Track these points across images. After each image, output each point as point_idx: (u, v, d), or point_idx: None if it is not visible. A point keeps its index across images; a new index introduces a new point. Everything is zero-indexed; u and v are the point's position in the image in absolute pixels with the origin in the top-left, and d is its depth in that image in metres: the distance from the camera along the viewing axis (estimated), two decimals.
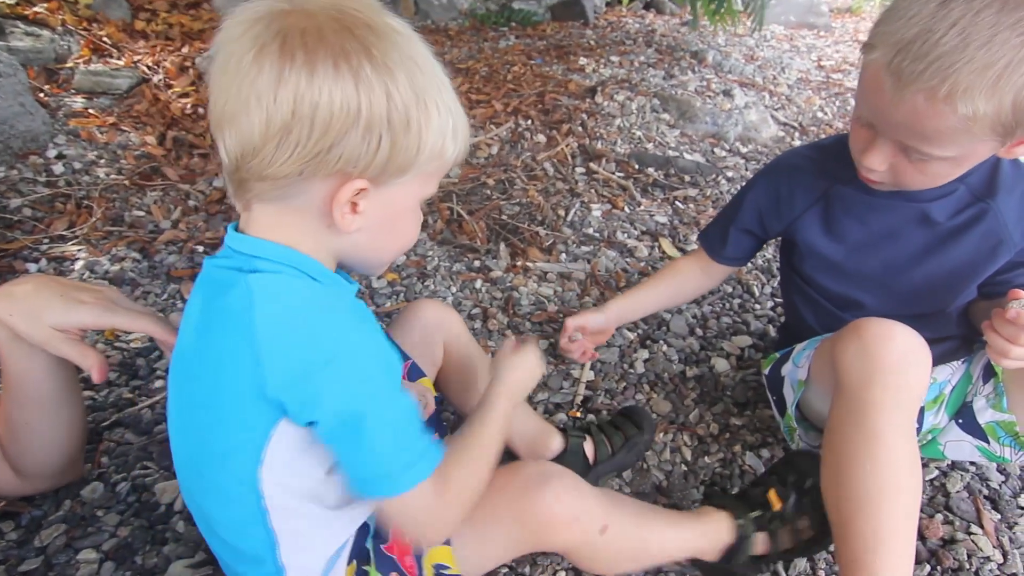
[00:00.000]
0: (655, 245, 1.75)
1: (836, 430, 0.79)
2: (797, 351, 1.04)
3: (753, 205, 1.09)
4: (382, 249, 0.66)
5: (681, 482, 1.07)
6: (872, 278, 1.00)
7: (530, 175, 2.05)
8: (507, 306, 1.48)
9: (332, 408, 0.56)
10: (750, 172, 2.20)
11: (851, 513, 0.74)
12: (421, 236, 1.73)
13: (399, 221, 0.65)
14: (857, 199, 0.97)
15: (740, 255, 1.16)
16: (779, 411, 1.07)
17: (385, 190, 0.60)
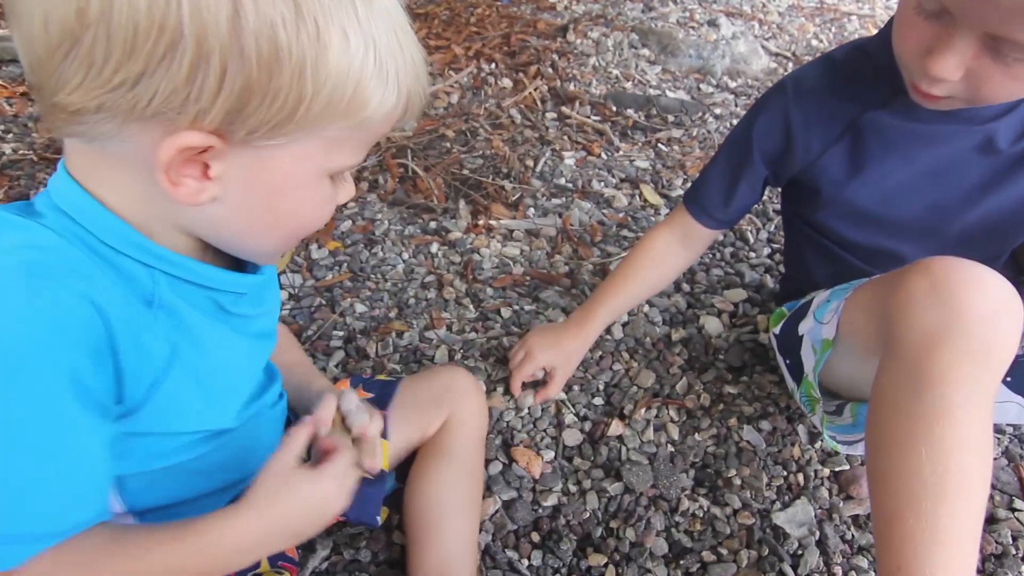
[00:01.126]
0: (635, 193, 1.55)
1: (886, 402, 0.61)
2: (819, 304, 0.84)
3: (759, 146, 0.87)
4: (257, 232, 0.48)
5: (667, 467, 0.90)
6: (914, 225, 0.81)
7: (495, 124, 1.84)
8: (466, 271, 1.29)
9: None
10: (740, 108, 1.98)
11: (900, 508, 0.56)
12: (370, 197, 1.53)
13: (284, 198, 0.46)
14: (897, 128, 0.77)
15: (739, 214, 0.97)
16: (793, 377, 0.89)
17: (255, 153, 0.42)
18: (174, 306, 0.48)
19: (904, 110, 0.75)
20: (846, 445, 0.83)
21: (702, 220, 0.97)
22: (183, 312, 0.48)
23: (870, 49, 0.80)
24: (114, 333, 0.42)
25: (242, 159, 0.42)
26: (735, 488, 0.88)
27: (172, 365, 0.48)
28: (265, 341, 0.63)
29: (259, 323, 0.60)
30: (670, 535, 0.83)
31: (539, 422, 0.96)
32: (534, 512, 0.85)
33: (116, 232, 0.44)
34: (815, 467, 0.91)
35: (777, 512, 0.85)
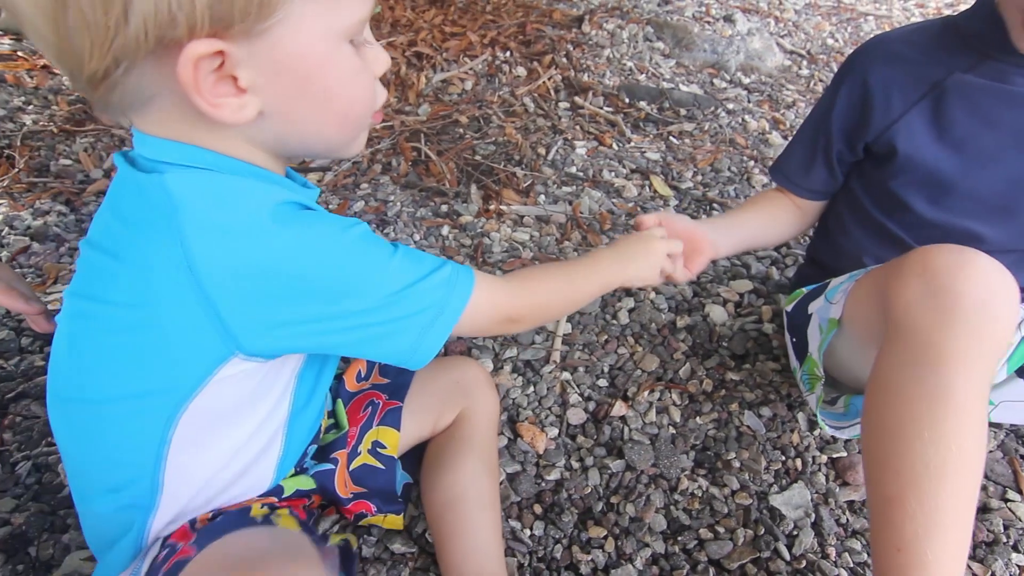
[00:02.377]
0: (646, 184, 1.57)
1: (888, 386, 0.62)
2: (833, 285, 0.85)
3: (840, 114, 0.87)
4: (316, 128, 0.49)
5: (668, 447, 0.92)
6: (990, 200, 0.80)
7: (508, 111, 1.85)
8: (476, 254, 1.31)
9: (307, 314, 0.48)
10: (753, 104, 1.99)
11: (901, 490, 0.58)
12: (383, 179, 1.55)
13: (317, 77, 0.46)
14: (986, 91, 0.76)
15: (828, 186, 0.95)
16: (797, 355, 0.91)
17: (264, 43, 0.43)
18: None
19: (993, 74, 0.75)
20: (836, 429, 0.85)
21: (788, 187, 0.97)
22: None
23: (958, 20, 0.79)
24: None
25: (260, 57, 0.43)
26: (734, 470, 0.90)
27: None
28: None
29: None
30: (669, 512, 0.85)
31: (544, 400, 0.98)
32: (537, 485, 0.87)
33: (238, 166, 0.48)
34: (813, 453, 0.93)
35: (774, 494, 0.87)
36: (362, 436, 0.76)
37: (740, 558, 0.79)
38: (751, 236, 0.98)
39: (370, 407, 0.78)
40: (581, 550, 0.80)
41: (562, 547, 0.80)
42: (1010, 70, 0.75)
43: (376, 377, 0.82)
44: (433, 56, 2.08)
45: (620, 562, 0.79)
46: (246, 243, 0.45)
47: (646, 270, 0.74)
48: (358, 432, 0.76)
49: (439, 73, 2.00)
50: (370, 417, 0.77)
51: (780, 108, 1.99)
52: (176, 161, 0.47)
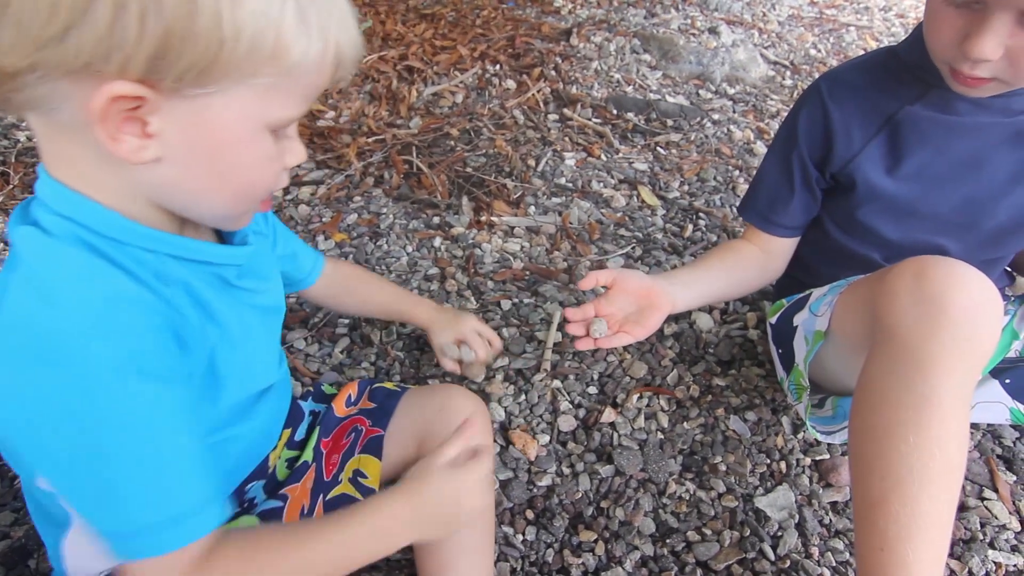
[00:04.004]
0: (634, 194, 1.60)
1: (875, 390, 0.65)
2: (816, 297, 0.88)
3: (806, 144, 0.88)
4: (206, 192, 0.48)
5: (656, 452, 0.94)
6: (951, 219, 0.84)
7: (498, 124, 1.88)
8: (468, 264, 1.34)
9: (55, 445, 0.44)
10: (738, 115, 2.03)
11: (885, 492, 0.60)
12: (375, 192, 1.58)
13: (225, 153, 0.46)
14: (933, 122, 0.80)
15: (809, 214, 0.94)
16: (784, 366, 0.93)
17: (190, 104, 0.43)
18: (188, 283, 0.50)
19: (938, 104, 0.79)
20: (825, 435, 0.88)
21: (764, 227, 0.94)
22: (197, 288, 0.51)
23: (899, 51, 0.83)
24: (167, 317, 0.47)
25: (179, 113, 0.42)
26: (720, 474, 0.92)
27: (206, 336, 0.52)
28: (275, 315, 0.66)
29: (265, 297, 0.62)
30: (657, 515, 0.87)
31: (535, 408, 1.01)
32: (529, 491, 0.89)
33: (112, 223, 0.46)
34: (797, 456, 0.96)
35: (759, 497, 0.89)
36: (344, 464, 0.73)
37: (726, 559, 0.81)
38: (713, 289, 0.93)
39: (353, 433, 0.76)
40: (572, 554, 0.82)
41: (553, 551, 0.82)
42: (953, 97, 0.78)
43: (364, 402, 0.80)
44: (424, 70, 2.11)
45: (610, 565, 0.81)
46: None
47: (455, 520, 0.59)
48: (340, 459, 0.74)
49: (430, 86, 2.04)
50: (352, 444, 0.75)
51: (765, 118, 2.03)
52: (55, 208, 0.45)
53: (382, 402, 0.79)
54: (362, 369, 1.09)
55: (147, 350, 0.45)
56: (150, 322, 0.46)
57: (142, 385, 0.44)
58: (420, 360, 1.10)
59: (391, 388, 0.81)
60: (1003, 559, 0.83)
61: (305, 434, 0.77)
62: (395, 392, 0.80)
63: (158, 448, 0.46)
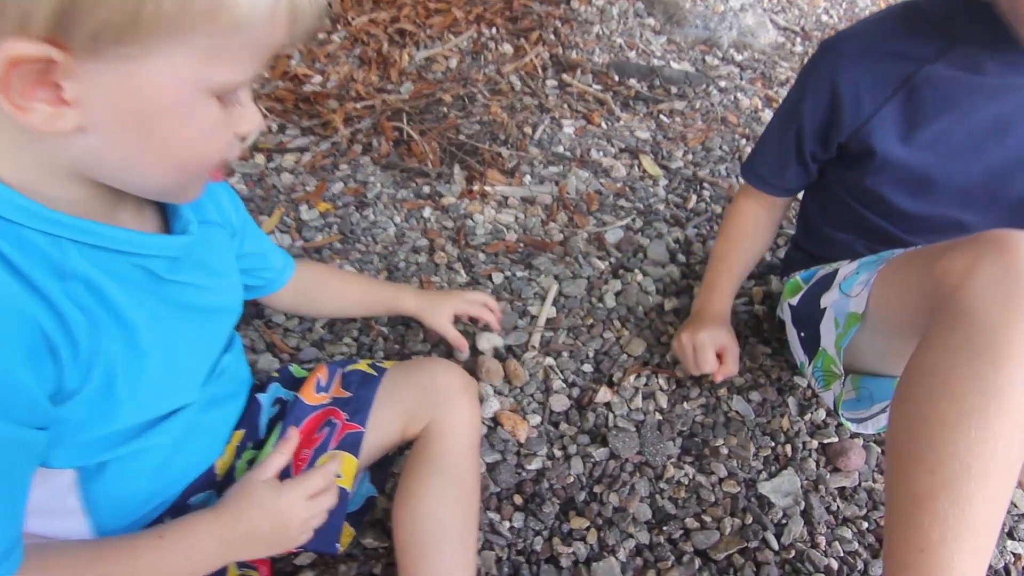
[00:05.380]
0: (635, 163, 1.52)
1: (935, 374, 0.57)
2: (846, 275, 0.81)
3: (808, 118, 0.84)
4: (143, 165, 0.43)
5: (654, 434, 0.89)
6: (971, 191, 0.77)
7: (493, 90, 1.79)
8: (459, 236, 1.27)
9: None
10: (746, 82, 1.94)
11: (934, 489, 0.53)
12: (363, 160, 1.50)
13: (161, 121, 0.41)
14: (957, 82, 0.73)
15: (800, 182, 0.94)
16: (806, 350, 0.87)
17: (114, 67, 0.37)
18: (90, 277, 0.43)
19: (964, 62, 0.71)
20: (857, 423, 0.81)
21: (763, 189, 0.96)
22: (101, 283, 0.44)
23: (921, 3, 0.76)
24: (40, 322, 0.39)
25: (102, 77, 0.37)
26: (722, 457, 0.87)
27: (101, 343, 0.44)
28: (221, 317, 0.59)
29: (210, 296, 0.55)
30: (654, 501, 0.82)
31: (526, 387, 0.95)
32: (517, 475, 0.84)
33: (6, 201, 0.40)
34: (803, 439, 0.90)
35: (763, 482, 0.84)
36: (314, 461, 0.66)
37: (727, 548, 0.76)
38: (745, 275, 1.03)
39: (327, 427, 0.68)
40: (562, 542, 0.77)
41: (542, 539, 0.77)
42: (982, 55, 0.71)
43: (337, 389, 0.72)
44: (416, 33, 2.01)
45: (603, 554, 0.76)
46: None
47: (268, 548, 0.56)
48: (311, 455, 0.66)
49: (422, 50, 1.94)
50: (326, 439, 0.67)
51: (773, 86, 1.94)
52: None
53: (358, 390, 0.71)
54: (343, 345, 1.03)
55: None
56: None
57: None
58: (405, 335, 1.04)
59: (366, 371, 0.73)
60: (1022, 549, 0.78)
61: (267, 430, 0.69)
62: (371, 377, 0.72)
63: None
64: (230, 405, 0.65)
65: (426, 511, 0.65)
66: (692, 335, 0.91)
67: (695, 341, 0.90)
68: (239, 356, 0.68)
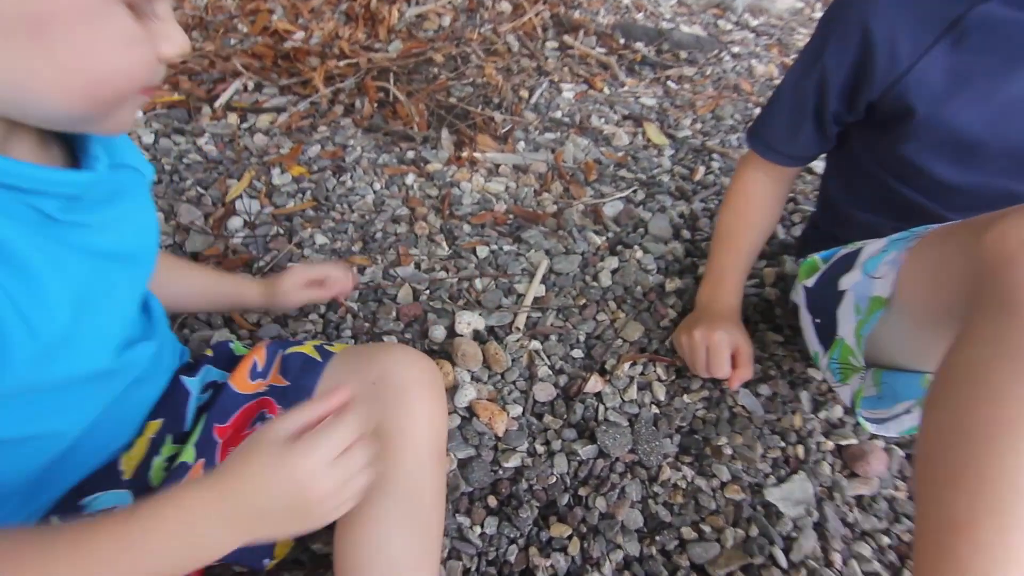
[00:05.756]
0: (639, 131, 1.40)
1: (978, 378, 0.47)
2: (871, 254, 0.70)
3: (835, 68, 0.72)
4: (40, 85, 0.36)
5: (649, 430, 0.79)
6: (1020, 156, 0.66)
7: (489, 50, 1.66)
8: (443, 205, 1.16)
9: None
10: (760, 48, 1.80)
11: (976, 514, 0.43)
12: (343, 122, 1.38)
13: (57, 34, 0.35)
14: (1016, 24, 0.62)
15: (814, 149, 0.82)
16: (821, 339, 0.77)
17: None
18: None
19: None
20: (876, 423, 0.71)
21: (769, 156, 0.84)
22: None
23: None
24: None
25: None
26: (725, 458, 0.77)
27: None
28: (130, 268, 0.50)
29: (115, 240, 0.47)
30: (646, 507, 0.72)
31: (508, 373, 0.85)
32: (493, 473, 0.74)
33: None
34: (817, 439, 0.80)
35: (771, 488, 0.74)
36: None
37: (728, 564, 0.67)
38: (754, 256, 0.91)
39: (259, 421, 0.59)
40: (540, 553, 0.67)
41: (517, 548, 0.68)
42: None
43: (275, 376, 0.61)
44: None
45: (585, 567, 0.66)
46: None
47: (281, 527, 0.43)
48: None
49: (413, 7, 1.81)
50: None
51: (790, 53, 1.81)
52: None
53: (298, 379, 0.60)
54: (309, 322, 0.93)
55: None
56: None
57: None
58: (377, 313, 0.94)
59: (309, 355, 0.62)
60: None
61: (193, 421, 0.59)
62: (314, 363, 0.61)
63: None
64: (146, 387, 0.55)
65: (370, 539, 0.53)
66: (705, 334, 0.80)
67: (710, 342, 0.79)
68: (162, 326, 0.58)
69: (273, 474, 0.41)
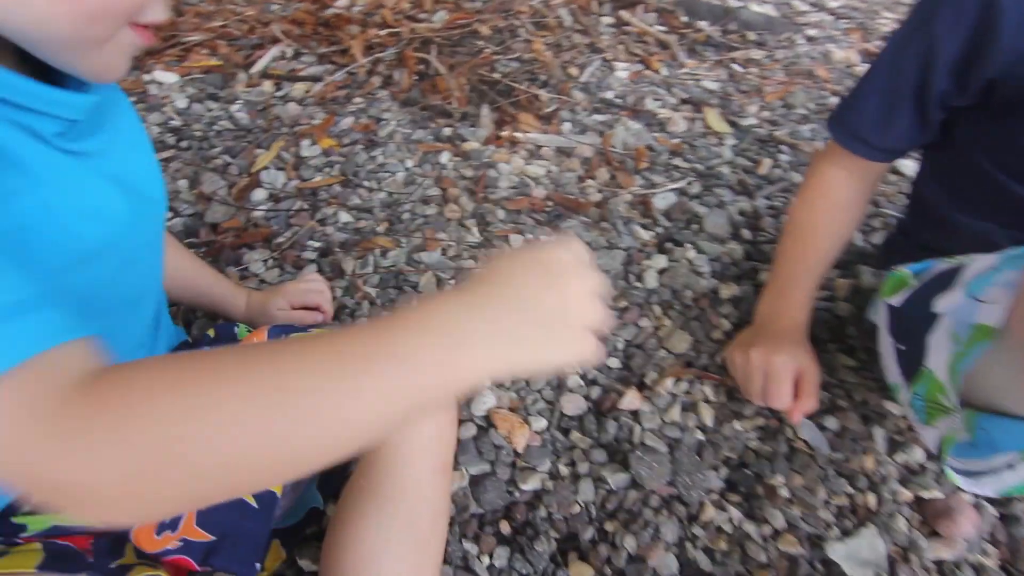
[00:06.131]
0: (698, 117, 1.27)
1: None
2: (977, 272, 0.58)
3: (946, 40, 0.60)
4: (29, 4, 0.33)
5: (691, 460, 0.68)
6: None
7: (538, 24, 1.55)
8: (477, 187, 1.06)
9: None
10: (839, 32, 1.64)
11: None
12: (380, 94, 1.30)
13: None
14: None
15: (911, 140, 0.69)
16: (904, 369, 0.64)
17: None
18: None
19: None
20: (967, 477, 0.59)
21: (855, 149, 0.71)
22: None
23: None
24: None
25: None
26: (780, 501, 0.66)
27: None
28: (138, 201, 0.46)
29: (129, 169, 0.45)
30: (683, 551, 0.62)
31: (533, 380, 0.75)
32: (508, 495, 0.65)
33: None
34: (892, 487, 0.68)
35: (834, 542, 0.63)
36: None
37: None
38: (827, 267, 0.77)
39: None
40: None
41: None
42: None
43: None
44: None
45: None
46: None
47: (535, 340, 0.32)
48: None
49: None
50: None
51: (873, 39, 1.63)
52: None
53: None
54: None
55: None
56: None
57: None
58: (396, 301, 0.86)
59: None
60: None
61: None
62: None
63: None
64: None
65: (358, 557, 0.48)
66: (765, 356, 0.68)
67: (770, 366, 0.68)
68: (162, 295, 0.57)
69: (545, 287, 0.32)
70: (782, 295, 0.75)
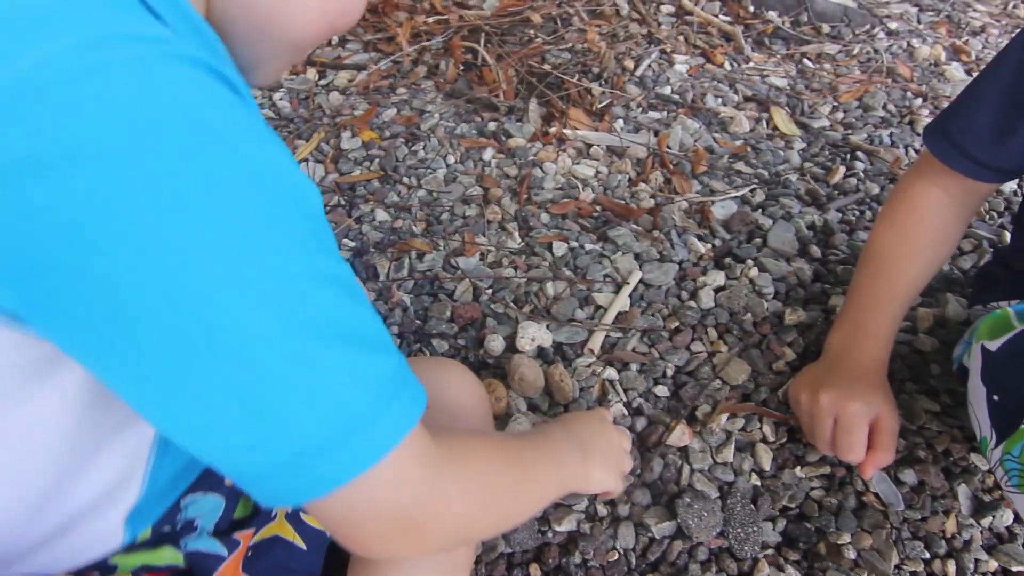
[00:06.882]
0: (763, 117, 1.18)
1: None
2: None
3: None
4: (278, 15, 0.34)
5: (745, 508, 0.61)
6: None
7: (593, 13, 1.48)
8: (521, 188, 1.01)
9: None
10: (924, 26, 1.50)
11: None
12: (424, 84, 1.26)
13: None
14: None
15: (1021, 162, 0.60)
16: (995, 423, 0.56)
17: None
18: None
19: None
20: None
21: (959, 167, 0.62)
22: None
23: None
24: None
25: None
26: (845, 563, 0.58)
27: None
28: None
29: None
30: None
31: (573, 406, 0.70)
32: (540, 535, 0.60)
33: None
34: (976, 555, 0.60)
35: None
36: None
37: None
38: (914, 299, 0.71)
39: None
40: None
41: None
42: None
43: None
44: None
45: None
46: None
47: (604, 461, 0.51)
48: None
49: None
50: None
51: (963, 34, 1.49)
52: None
53: None
54: None
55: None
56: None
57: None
58: (429, 310, 0.81)
59: None
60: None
61: None
62: None
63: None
64: None
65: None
66: (837, 401, 0.60)
67: (842, 413, 0.59)
68: None
69: (600, 431, 0.54)
70: (859, 326, 0.67)
